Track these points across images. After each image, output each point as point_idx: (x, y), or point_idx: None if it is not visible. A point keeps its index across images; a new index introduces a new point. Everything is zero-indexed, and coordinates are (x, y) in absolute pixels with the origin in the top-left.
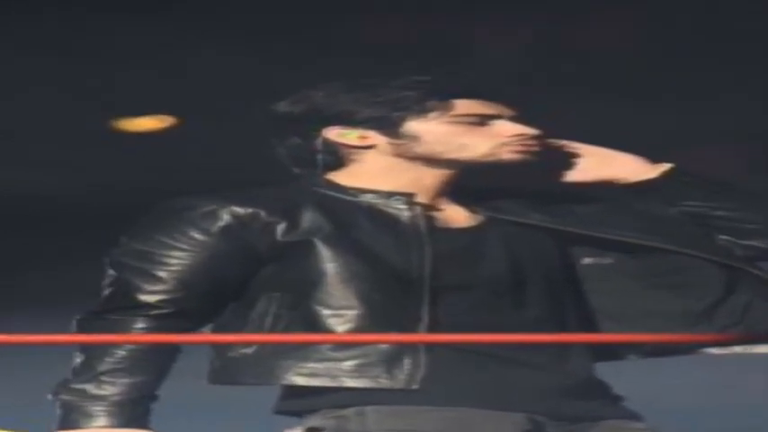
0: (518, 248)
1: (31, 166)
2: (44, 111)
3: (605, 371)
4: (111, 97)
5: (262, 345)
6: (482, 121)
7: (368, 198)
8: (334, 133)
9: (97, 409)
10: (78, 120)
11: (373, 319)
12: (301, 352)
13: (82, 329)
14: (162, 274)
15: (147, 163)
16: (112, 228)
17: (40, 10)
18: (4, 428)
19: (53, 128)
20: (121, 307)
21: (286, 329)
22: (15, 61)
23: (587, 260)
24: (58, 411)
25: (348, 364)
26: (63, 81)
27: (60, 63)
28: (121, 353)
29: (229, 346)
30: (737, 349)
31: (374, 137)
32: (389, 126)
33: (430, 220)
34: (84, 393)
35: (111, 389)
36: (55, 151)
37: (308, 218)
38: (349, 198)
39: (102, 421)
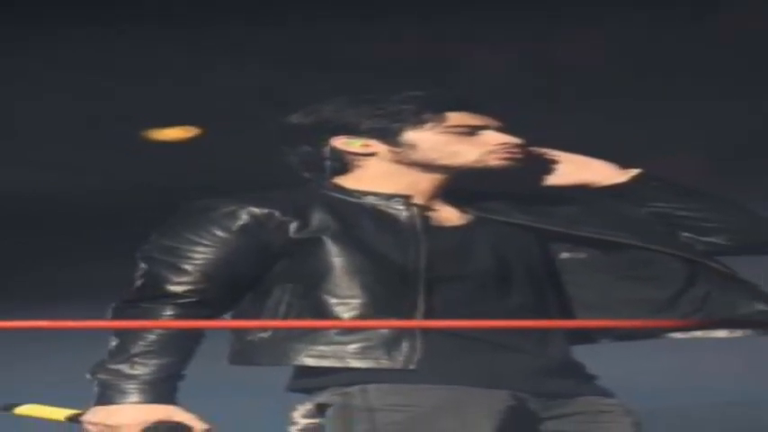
0: (504, 245)
1: (31, 166)
2: (45, 111)
3: (581, 353)
4: (112, 98)
5: (276, 330)
6: (472, 131)
7: (370, 200)
8: (340, 142)
9: (130, 386)
10: (79, 120)
11: (375, 307)
12: (311, 336)
13: (117, 316)
14: (188, 267)
15: (149, 163)
16: (112, 228)
17: (44, 12)
18: (47, 404)
19: (54, 128)
20: (151, 296)
21: (298, 316)
22: (17, 62)
23: (565, 255)
24: (96, 389)
25: (353, 346)
26: (64, 82)
27: (62, 65)
28: (152, 337)
29: (248, 330)
30: (697, 334)
31: (376, 145)
32: (389, 135)
33: (425, 219)
34: (118, 373)
35: (142, 369)
36: (55, 151)
37: (318, 217)
38: (353, 200)
39: (134, 398)
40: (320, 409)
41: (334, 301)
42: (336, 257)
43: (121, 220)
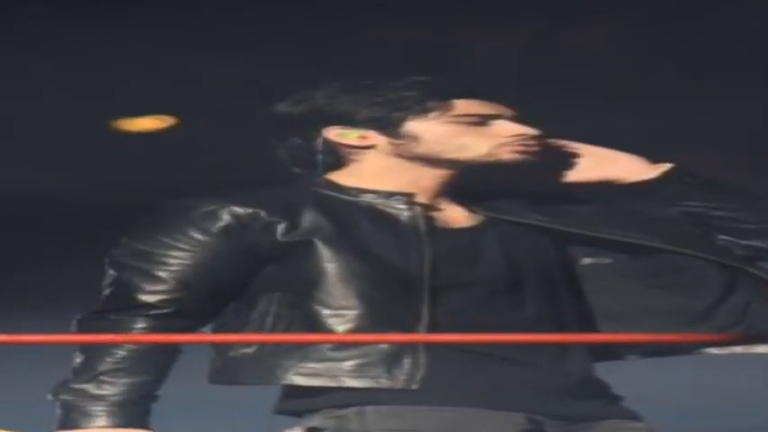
0: (517, 248)
1: (31, 166)
2: (45, 111)
3: (604, 370)
4: (112, 98)
5: (262, 344)
6: (482, 121)
7: (368, 198)
8: (334, 133)
9: (97, 409)
10: (78, 120)
11: (373, 319)
12: (301, 352)
13: (82, 329)
14: (162, 273)
15: (148, 163)
16: (112, 228)
17: (42, 12)
18: (3, 428)
19: (53, 128)
20: (122, 307)
21: (286, 329)
22: (17, 62)
23: (586, 260)
24: (58, 411)
25: (348, 363)
26: (63, 82)
27: (61, 64)
28: (122, 353)
29: (230, 345)
30: (737, 349)
31: (374, 137)
32: (389, 126)
33: (429, 220)
34: (84, 393)
35: (111, 389)
36: (55, 151)
37: (309, 218)
38: (349, 198)
39: (102, 421)
40: None
41: (327, 312)
42: (330, 263)
43: (122, 221)
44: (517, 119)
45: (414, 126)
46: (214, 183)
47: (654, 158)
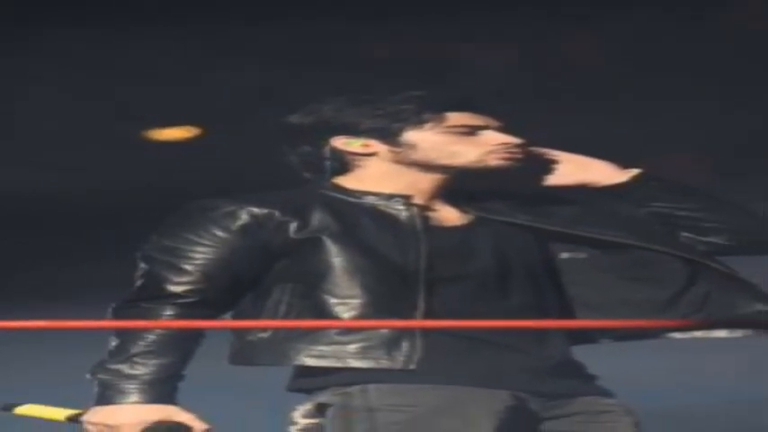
0: (504, 245)
1: (31, 166)
2: (45, 111)
3: (581, 353)
4: (112, 99)
5: (276, 330)
6: (472, 131)
7: (370, 200)
8: (340, 142)
9: (130, 387)
10: (79, 121)
11: (375, 307)
12: (311, 336)
13: (117, 316)
14: (188, 267)
15: (148, 164)
16: (112, 228)
17: (66, 23)
18: (47, 404)
19: (54, 128)
20: (152, 296)
21: (298, 316)
22: (21, 63)
23: (565, 255)
24: (96, 389)
25: (353, 346)
26: (64, 82)
27: (65, 66)
28: (152, 337)
29: (248, 330)
30: (698, 334)
31: (376, 145)
32: (389, 136)
33: (425, 219)
34: (118, 373)
35: (142, 369)
36: (55, 151)
37: (317, 217)
38: (353, 200)
39: (134, 398)
40: (320, 410)
41: (334, 300)
42: (336, 257)
43: (121, 220)
44: (503, 129)
45: (411, 135)
46: (217, 185)
47: (628, 163)
